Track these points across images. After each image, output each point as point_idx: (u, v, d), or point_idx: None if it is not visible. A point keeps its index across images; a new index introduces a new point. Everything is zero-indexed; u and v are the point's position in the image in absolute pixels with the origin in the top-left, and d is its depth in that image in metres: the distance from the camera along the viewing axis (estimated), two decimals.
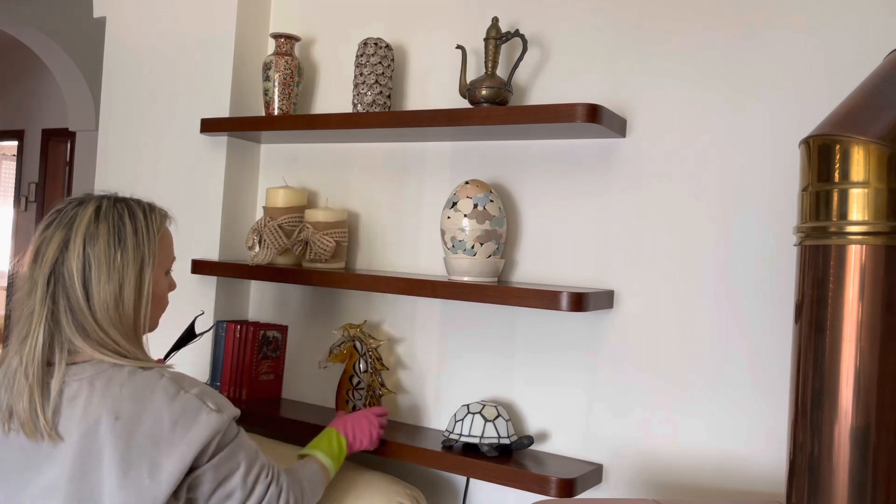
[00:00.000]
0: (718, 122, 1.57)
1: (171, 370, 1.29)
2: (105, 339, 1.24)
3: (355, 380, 1.82)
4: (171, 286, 1.42)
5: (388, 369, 1.86)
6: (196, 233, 2.13)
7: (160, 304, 1.37)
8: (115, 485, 1.16)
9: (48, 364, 1.22)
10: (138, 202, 1.34)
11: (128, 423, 1.18)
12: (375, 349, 1.83)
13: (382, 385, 1.84)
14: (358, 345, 1.82)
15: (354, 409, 1.82)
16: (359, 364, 1.82)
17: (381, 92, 1.86)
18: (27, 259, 1.27)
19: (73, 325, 1.23)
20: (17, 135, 6.99)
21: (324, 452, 1.53)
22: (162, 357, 1.68)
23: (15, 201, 6.84)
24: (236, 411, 1.28)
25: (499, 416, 1.65)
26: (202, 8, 2.17)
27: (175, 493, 1.20)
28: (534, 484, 1.55)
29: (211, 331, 1.89)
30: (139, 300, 1.28)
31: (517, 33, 1.70)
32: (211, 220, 2.11)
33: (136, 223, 1.29)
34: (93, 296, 1.23)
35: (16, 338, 1.23)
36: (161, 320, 1.40)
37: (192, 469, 1.21)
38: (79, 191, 5.75)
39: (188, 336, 1.73)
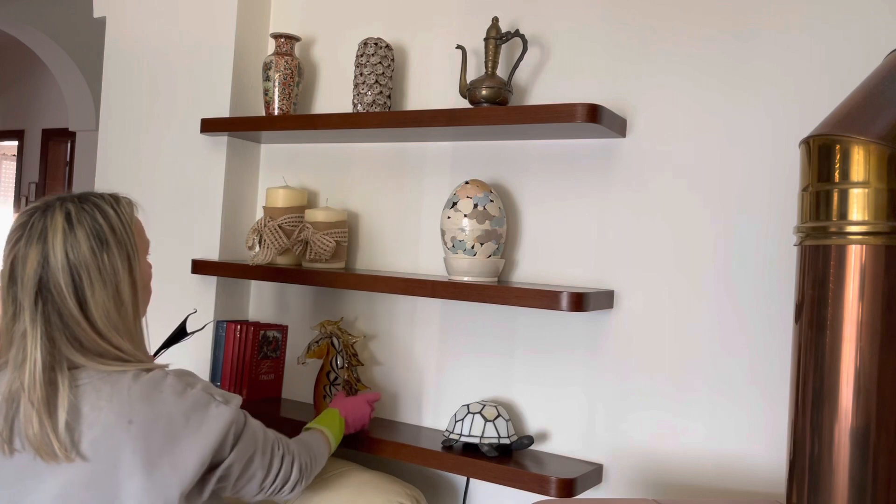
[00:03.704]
0: (718, 122, 1.57)
1: (172, 368, 1.29)
2: (106, 348, 1.21)
3: (332, 375, 1.86)
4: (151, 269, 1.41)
5: (363, 365, 1.91)
6: (196, 233, 2.13)
7: (147, 291, 1.35)
8: (141, 486, 1.15)
9: (50, 384, 1.18)
10: (102, 197, 1.29)
11: (142, 425, 1.17)
12: (352, 345, 1.87)
13: (358, 381, 1.87)
14: (335, 341, 1.85)
15: None
16: (335, 360, 1.85)
17: (381, 92, 1.86)
18: (3, 278, 1.22)
19: (69, 341, 1.20)
20: (17, 135, 6.99)
21: (328, 428, 1.59)
22: (152, 354, 1.68)
23: (15, 201, 6.85)
24: (239, 399, 1.30)
25: (499, 416, 1.65)
26: (202, 8, 2.17)
27: (200, 485, 1.22)
28: (534, 484, 1.55)
29: (203, 329, 1.88)
30: (136, 296, 1.26)
31: (517, 33, 1.70)
32: (211, 220, 2.11)
33: (110, 220, 1.25)
34: (89, 305, 1.19)
35: (12, 362, 1.19)
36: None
37: (218, 463, 1.23)
38: (79, 191, 5.72)
39: (179, 334, 1.73)
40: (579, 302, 1.51)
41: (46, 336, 1.18)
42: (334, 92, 2.09)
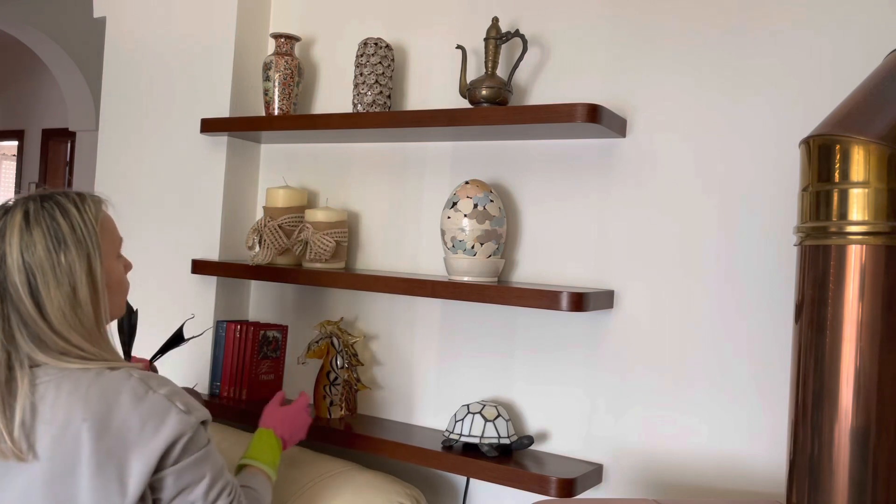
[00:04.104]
0: (718, 122, 1.57)
1: (141, 370, 1.25)
2: (67, 347, 1.20)
3: (332, 375, 1.86)
4: (127, 267, 1.38)
5: (363, 365, 1.90)
6: (196, 233, 2.13)
7: (120, 290, 1.33)
8: (89, 486, 1.14)
9: (8, 382, 1.17)
10: (66, 194, 1.26)
11: (96, 424, 1.15)
12: (352, 345, 1.88)
13: (358, 381, 1.88)
14: (335, 341, 1.85)
15: (332, 404, 1.86)
16: (335, 360, 1.85)
17: (381, 92, 1.86)
18: None
19: (29, 339, 1.19)
20: (17, 135, 6.99)
21: (266, 463, 1.45)
22: (148, 359, 1.68)
23: None
24: (207, 415, 1.24)
25: (499, 416, 1.65)
26: (202, 8, 2.17)
27: (142, 496, 1.17)
28: (534, 484, 1.55)
29: (202, 335, 1.89)
30: (96, 296, 1.23)
31: (517, 33, 1.70)
32: (211, 220, 2.11)
33: (70, 219, 1.23)
34: (45, 305, 1.18)
35: None
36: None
37: (156, 470, 1.18)
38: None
39: (176, 339, 1.72)
40: (579, 302, 1.51)
41: (6, 334, 1.18)
42: (334, 92, 2.09)
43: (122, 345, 1.62)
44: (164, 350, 1.72)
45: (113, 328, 1.46)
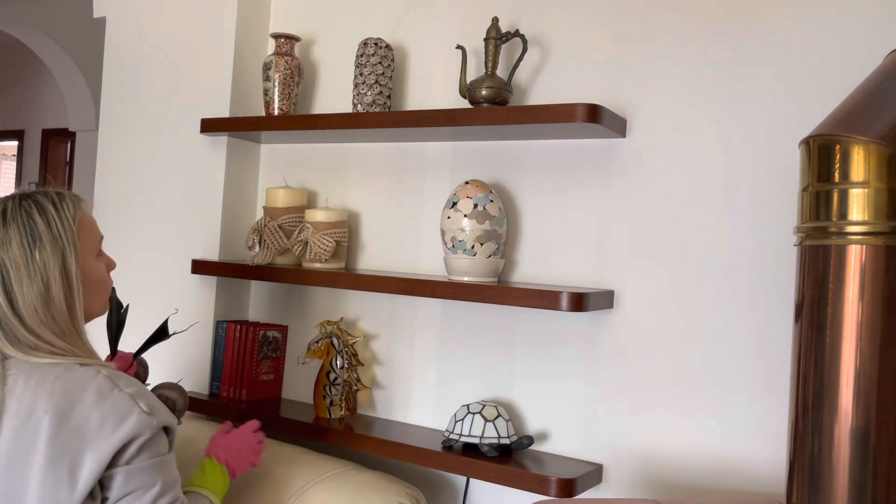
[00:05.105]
0: (718, 122, 1.57)
1: (111, 369, 1.25)
2: (38, 342, 1.22)
3: (332, 375, 1.86)
4: (110, 266, 1.40)
5: (363, 365, 1.90)
6: (196, 233, 2.13)
7: (100, 288, 1.35)
8: (38, 481, 1.14)
9: None
10: (45, 193, 1.30)
11: (56, 417, 1.15)
12: (352, 345, 1.88)
13: (358, 381, 1.88)
14: (335, 341, 1.86)
15: (332, 404, 1.86)
16: (335, 360, 1.85)
17: (381, 92, 1.86)
18: None
19: (3, 333, 1.21)
20: (17, 135, 7.00)
21: (207, 488, 1.41)
22: (132, 354, 1.67)
23: None
24: (171, 421, 1.24)
25: (499, 416, 1.65)
26: (202, 8, 2.17)
27: (92, 493, 1.16)
28: (534, 484, 1.55)
29: (185, 331, 1.88)
30: (70, 293, 1.25)
31: (517, 33, 1.70)
32: (211, 220, 2.11)
33: (47, 217, 1.26)
34: (17, 301, 1.21)
35: None
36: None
37: (108, 467, 1.17)
38: (79, 191, 5.74)
39: (160, 334, 1.71)
40: (579, 302, 1.51)
41: None
42: (334, 92, 2.09)
43: (110, 341, 1.62)
44: (147, 345, 1.71)
45: (101, 324, 1.47)
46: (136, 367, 1.63)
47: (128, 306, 1.66)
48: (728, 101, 1.56)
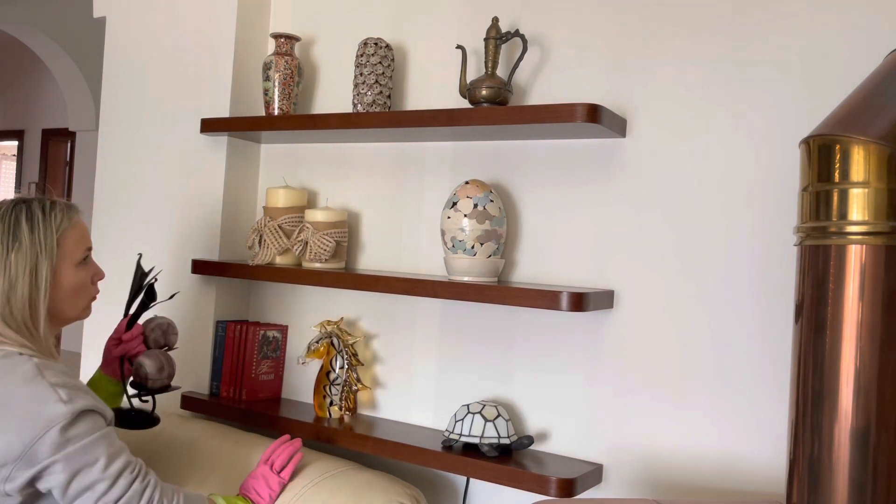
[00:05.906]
0: (718, 121, 1.57)
1: (43, 361, 1.34)
2: None
3: (332, 375, 1.86)
4: (97, 275, 1.48)
5: (363, 365, 1.91)
6: (196, 233, 2.13)
7: (78, 294, 1.44)
8: None
9: None
10: (40, 201, 1.41)
11: None
12: (352, 345, 1.88)
13: (358, 381, 1.88)
14: (335, 341, 1.86)
15: (332, 404, 1.87)
16: (335, 360, 1.86)
17: (381, 92, 1.86)
18: None
19: None
20: (17, 135, 7.00)
21: (223, 498, 1.50)
22: (125, 318, 1.67)
23: None
24: (92, 405, 1.31)
25: (499, 415, 1.65)
26: (202, 8, 2.17)
27: (31, 482, 1.26)
28: (534, 484, 1.55)
29: (171, 299, 1.86)
30: (36, 295, 1.36)
31: (517, 33, 1.70)
32: (211, 220, 2.11)
33: (32, 223, 1.37)
34: None
35: None
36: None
37: (41, 459, 1.25)
38: (79, 191, 5.76)
39: (146, 293, 1.67)
40: (579, 302, 1.51)
41: None
42: (334, 92, 2.09)
43: (128, 304, 1.67)
44: (139, 310, 1.67)
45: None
46: (141, 337, 1.65)
47: (151, 271, 1.67)
48: (728, 101, 1.56)
